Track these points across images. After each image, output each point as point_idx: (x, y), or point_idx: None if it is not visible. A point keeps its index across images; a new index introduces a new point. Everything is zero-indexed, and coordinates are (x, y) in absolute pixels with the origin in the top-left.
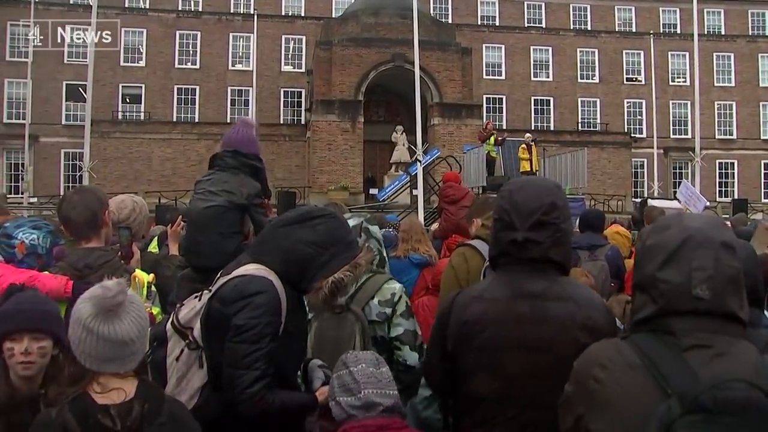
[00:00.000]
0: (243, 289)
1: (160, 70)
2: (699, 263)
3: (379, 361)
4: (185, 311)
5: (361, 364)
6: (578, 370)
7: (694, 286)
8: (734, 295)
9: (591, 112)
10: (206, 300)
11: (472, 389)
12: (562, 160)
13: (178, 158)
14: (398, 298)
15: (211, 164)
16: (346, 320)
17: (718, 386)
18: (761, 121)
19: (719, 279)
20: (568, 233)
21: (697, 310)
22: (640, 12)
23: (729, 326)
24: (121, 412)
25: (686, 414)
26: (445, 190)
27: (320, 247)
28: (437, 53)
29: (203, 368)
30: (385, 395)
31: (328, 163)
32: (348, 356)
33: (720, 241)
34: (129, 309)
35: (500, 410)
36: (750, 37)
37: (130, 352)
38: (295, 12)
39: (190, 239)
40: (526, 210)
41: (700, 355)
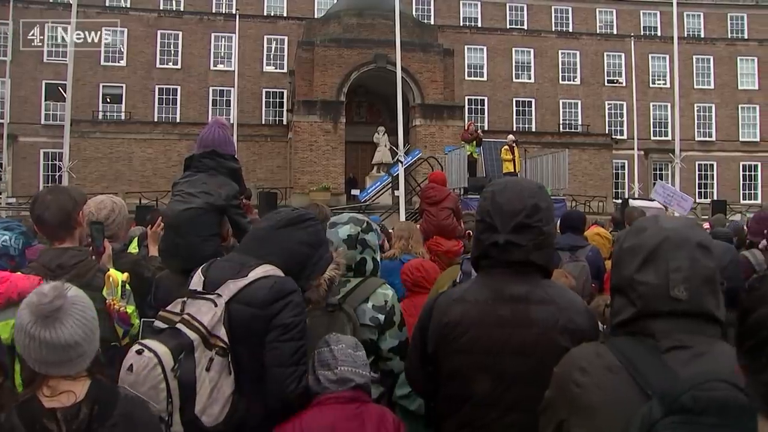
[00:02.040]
0: (280, 290)
1: (141, 69)
2: (676, 264)
3: (358, 345)
4: (208, 318)
5: (342, 344)
6: (559, 375)
7: (671, 287)
8: (711, 295)
9: (572, 113)
10: (223, 304)
11: (453, 392)
12: (543, 162)
13: (159, 158)
14: (392, 306)
15: (187, 166)
16: (337, 319)
17: (698, 386)
18: (740, 123)
19: (696, 279)
20: (550, 236)
21: (675, 311)
22: (621, 14)
23: (707, 327)
24: (68, 415)
25: (668, 415)
26: (426, 191)
27: (313, 248)
28: (419, 54)
29: (231, 375)
30: (359, 374)
31: (309, 164)
32: (330, 336)
33: (696, 241)
34: (71, 311)
35: (481, 413)
36: (729, 40)
37: (76, 355)
38: (277, 12)
39: (168, 241)
40: (508, 212)
41: (680, 356)
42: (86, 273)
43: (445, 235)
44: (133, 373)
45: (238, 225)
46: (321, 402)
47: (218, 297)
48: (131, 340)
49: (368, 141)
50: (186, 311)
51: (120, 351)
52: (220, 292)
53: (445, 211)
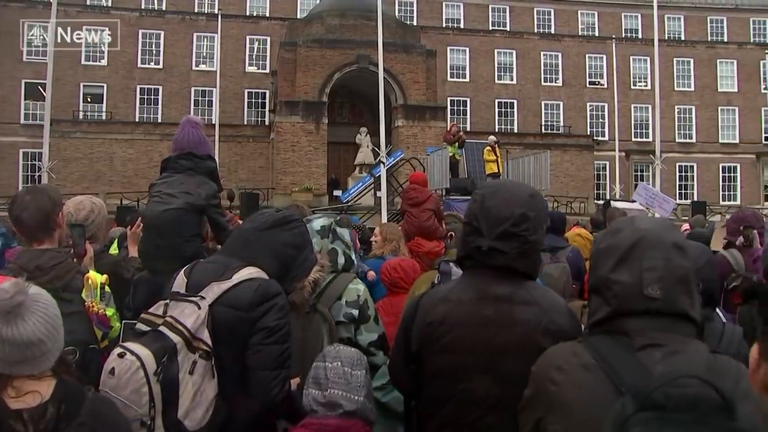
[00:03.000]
0: (265, 293)
1: (123, 69)
2: (650, 263)
3: (357, 363)
4: (192, 321)
5: (338, 362)
6: (536, 374)
7: (645, 286)
8: (685, 294)
9: (554, 115)
10: (207, 307)
11: (436, 391)
12: (524, 163)
13: (140, 159)
14: (365, 300)
15: (164, 168)
16: (312, 320)
17: (670, 383)
18: (719, 125)
19: (670, 279)
20: (537, 244)
21: (649, 309)
22: (602, 17)
23: (681, 325)
24: (34, 416)
25: (640, 411)
26: (408, 192)
27: (298, 249)
28: (402, 55)
29: (215, 378)
30: (349, 399)
31: (291, 165)
32: (330, 349)
33: (671, 241)
34: (33, 308)
35: (464, 413)
36: (709, 43)
37: (40, 353)
38: (259, 12)
39: (149, 243)
40: (494, 219)
41: (653, 354)
42: (65, 275)
43: (426, 236)
44: (115, 376)
45: (217, 224)
46: (304, 426)
47: (201, 299)
48: (110, 342)
49: (350, 142)
50: (169, 313)
51: (99, 354)
52: (203, 295)
53: (427, 213)
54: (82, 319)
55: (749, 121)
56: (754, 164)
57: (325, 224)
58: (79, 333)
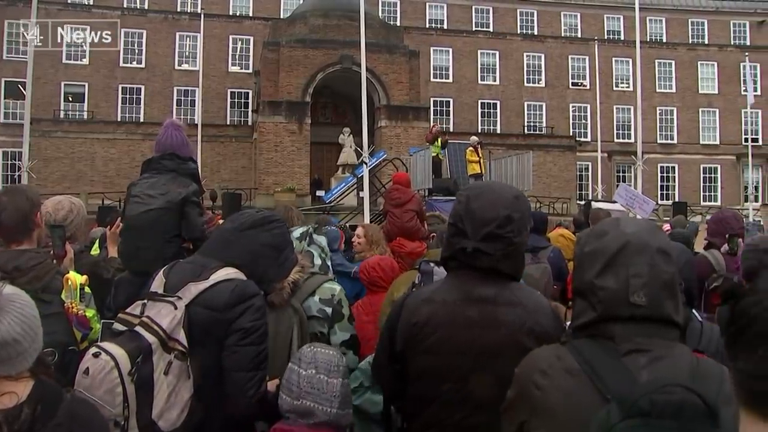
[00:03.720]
0: (241, 294)
1: (104, 68)
2: (635, 270)
3: (334, 370)
4: (167, 321)
5: (312, 369)
6: (520, 376)
7: (631, 293)
8: (670, 299)
9: (537, 115)
10: (183, 307)
11: (421, 391)
12: (507, 163)
13: (122, 159)
14: (339, 300)
15: (146, 168)
16: (284, 315)
17: (656, 390)
18: (700, 126)
19: (655, 285)
20: (521, 246)
21: (634, 316)
22: (585, 18)
23: (666, 330)
24: (9, 417)
25: (625, 419)
26: (390, 192)
27: (278, 250)
28: (385, 55)
29: (190, 379)
30: (322, 410)
31: (274, 165)
32: (306, 353)
33: (656, 247)
34: (8, 308)
35: (448, 413)
36: (690, 45)
37: (15, 353)
38: (242, 12)
39: (129, 243)
40: (479, 220)
41: (638, 360)
42: (44, 275)
43: (408, 236)
44: (89, 376)
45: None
46: (275, 430)
47: (178, 300)
48: (90, 344)
49: (333, 142)
50: (146, 314)
51: (78, 355)
52: (180, 295)
53: (409, 213)
54: (61, 320)
55: (729, 123)
56: (735, 165)
57: (303, 231)
58: (59, 334)
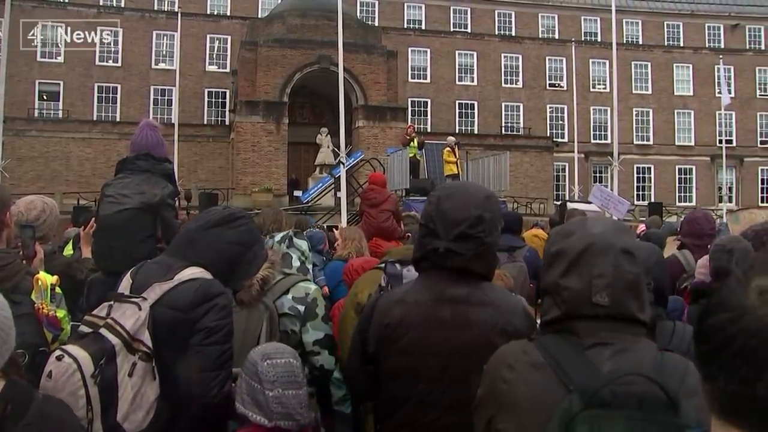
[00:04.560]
0: (205, 293)
1: (80, 66)
2: (599, 270)
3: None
4: (131, 322)
5: (278, 389)
6: (488, 372)
7: (594, 294)
8: (634, 299)
9: (514, 116)
10: (148, 308)
11: (394, 392)
12: (484, 163)
13: (98, 158)
14: (314, 299)
15: (120, 168)
16: (255, 311)
17: (616, 381)
18: (675, 127)
19: (619, 285)
20: (492, 245)
21: (597, 315)
22: (562, 20)
23: (629, 327)
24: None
25: (586, 408)
26: (366, 193)
27: (245, 247)
28: (363, 56)
29: (156, 380)
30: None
31: (252, 165)
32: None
33: (620, 247)
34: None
35: (421, 414)
36: (666, 47)
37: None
38: (220, 11)
39: (102, 244)
40: (451, 221)
41: (602, 353)
42: (14, 276)
43: (384, 236)
44: (52, 379)
45: (167, 224)
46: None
47: (143, 300)
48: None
49: (311, 142)
50: (111, 315)
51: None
52: (145, 296)
53: (385, 213)
54: (31, 321)
55: (704, 124)
56: (709, 166)
57: (284, 234)
58: (29, 335)
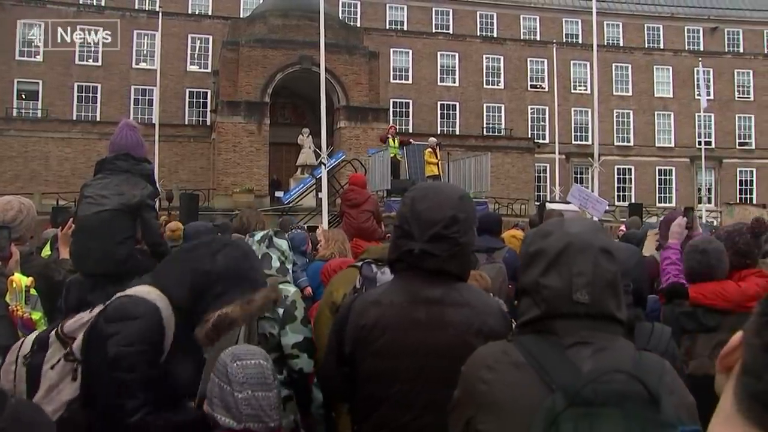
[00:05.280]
0: (124, 311)
1: (60, 65)
2: (579, 269)
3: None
4: (72, 321)
5: (247, 390)
6: (466, 374)
7: (574, 292)
8: (612, 297)
9: (496, 117)
10: (95, 314)
11: (370, 393)
12: (466, 164)
13: (77, 158)
14: (293, 301)
15: (99, 169)
16: None
17: (598, 379)
18: (656, 129)
19: (598, 284)
20: (467, 246)
21: (577, 313)
22: (544, 21)
23: (608, 325)
24: None
25: (570, 407)
26: (346, 193)
27: (214, 278)
28: (344, 56)
29: (76, 381)
30: (267, 427)
31: (233, 165)
32: (235, 373)
33: (598, 246)
34: None
35: (398, 415)
36: (646, 49)
37: None
38: (201, 11)
39: (81, 245)
40: (425, 222)
41: (582, 352)
42: None
43: (365, 237)
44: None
45: (148, 225)
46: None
47: (100, 307)
48: None
49: (293, 143)
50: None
51: None
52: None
53: (365, 214)
54: (5, 323)
55: (684, 126)
56: (689, 167)
57: (264, 234)
58: (2, 337)
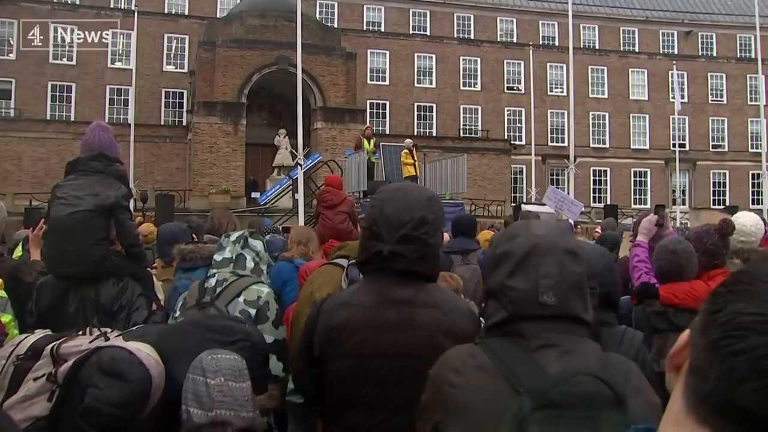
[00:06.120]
0: (116, 369)
1: (33, 64)
2: (545, 270)
3: (241, 372)
4: (72, 343)
5: (220, 377)
6: (433, 377)
7: (540, 293)
8: (578, 299)
9: (472, 119)
10: (92, 346)
11: (340, 395)
12: (442, 166)
13: (51, 159)
14: (266, 302)
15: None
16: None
17: (565, 381)
18: (631, 131)
19: (564, 285)
20: (435, 247)
21: (543, 314)
22: (521, 24)
23: (574, 327)
24: None
25: (537, 410)
26: (322, 194)
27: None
28: (322, 57)
29: (50, 403)
30: (239, 417)
31: (209, 166)
32: (208, 361)
33: (564, 248)
34: None
35: (368, 416)
36: (621, 52)
37: None
38: (178, 10)
39: (54, 246)
40: (394, 223)
41: (549, 354)
42: None
43: (340, 238)
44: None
45: (123, 226)
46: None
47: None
48: None
49: (269, 143)
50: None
51: None
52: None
53: (341, 215)
54: None
55: (659, 128)
56: (663, 170)
57: (239, 234)
58: None
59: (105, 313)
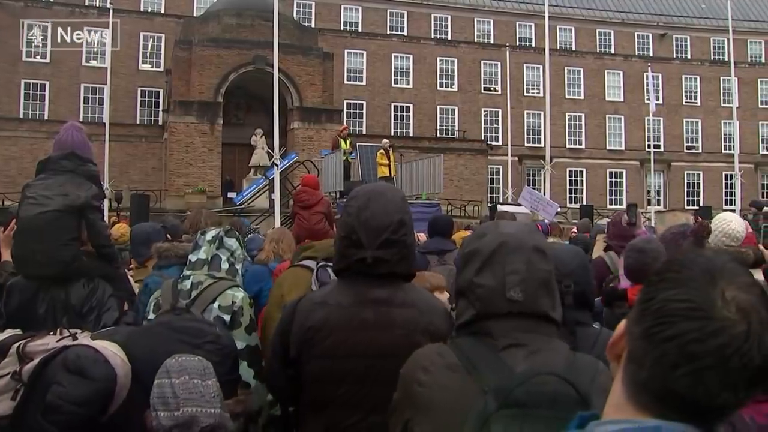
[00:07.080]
0: (81, 367)
1: (5, 62)
2: (512, 267)
3: (206, 371)
4: (39, 342)
5: (185, 376)
6: (403, 376)
7: (508, 289)
8: (546, 296)
9: (449, 119)
10: (60, 346)
11: (317, 395)
12: (419, 166)
13: (24, 158)
14: (240, 308)
15: (42, 169)
16: None
17: (530, 381)
18: (607, 132)
19: (531, 282)
20: (413, 246)
21: (511, 312)
22: (498, 25)
23: (542, 326)
24: None
25: (501, 408)
26: (298, 194)
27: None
28: (298, 57)
29: (14, 402)
30: (207, 414)
31: (185, 166)
32: (172, 363)
33: (532, 245)
34: None
35: (345, 416)
36: (597, 54)
37: None
38: (154, 9)
39: (23, 246)
40: (374, 229)
41: (516, 354)
42: None
43: (316, 239)
44: None
45: (93, 227)
46: None
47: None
48: None
49: (246, 143)
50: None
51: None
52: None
53: (318, 215)
54: None
55: (634, 129)
56: (639, 170)
57: (215, 234)
58: None
59: (75, 314)
